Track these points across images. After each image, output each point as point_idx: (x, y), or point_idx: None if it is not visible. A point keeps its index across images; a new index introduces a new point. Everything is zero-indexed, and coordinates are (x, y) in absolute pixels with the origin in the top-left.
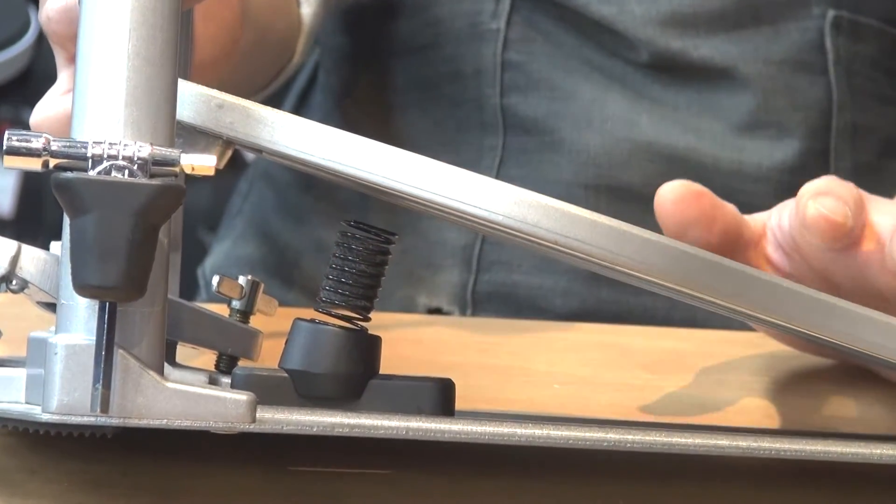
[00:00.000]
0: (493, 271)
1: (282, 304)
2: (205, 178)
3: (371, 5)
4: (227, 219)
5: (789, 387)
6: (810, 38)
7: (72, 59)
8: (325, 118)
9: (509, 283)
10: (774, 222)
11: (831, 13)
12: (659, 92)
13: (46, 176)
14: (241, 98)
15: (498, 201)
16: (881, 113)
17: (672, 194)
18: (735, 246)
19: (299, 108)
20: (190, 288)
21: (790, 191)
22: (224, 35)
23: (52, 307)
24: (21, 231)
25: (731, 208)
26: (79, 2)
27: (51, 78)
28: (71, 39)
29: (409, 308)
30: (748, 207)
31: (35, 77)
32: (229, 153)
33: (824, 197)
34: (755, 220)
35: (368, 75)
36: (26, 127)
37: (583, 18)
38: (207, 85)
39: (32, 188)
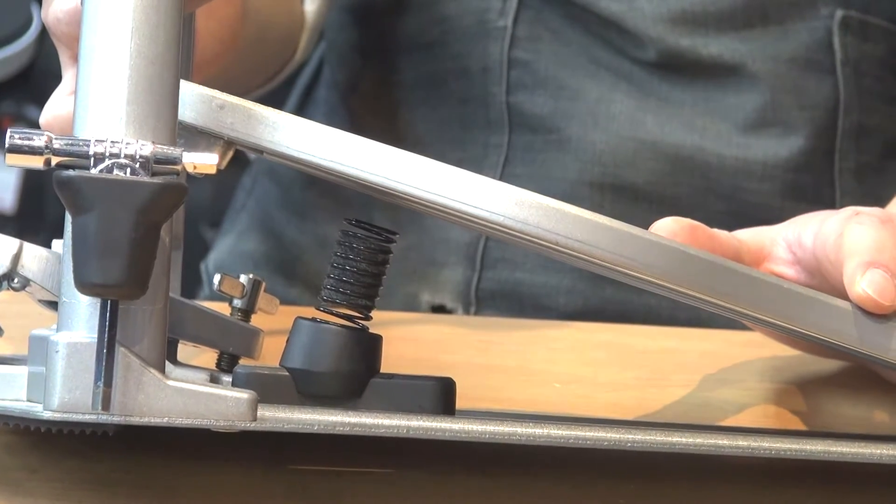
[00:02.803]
0: (497, 269)
1: (284, 299)
2: (206, 176)
3: (378, 1)
4: (231, 214)
5: (790, 387)
6: (819, 37)
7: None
8: (329, 113)
9: (513, 281)
10: (793, 238)
11: (839, 13)
12: (665, 90)
13: (48, 172)
14: (242, 98)
15: (499, 202)
16: (888, 114)
17: (665, 231)
18: None
19: (303, 104)
20: (191, 284)
21: (794, 189)
22: (225, 31)
23: (53, 305)
24: (22, 227)
25: (726, 237)
26: (81, 1)
27: (53, 74)
28: (78, 40)
29: (412, 305)
30: (752, 206)
31: (37, 73)
32: (230, 154)
33: (873, 271)
34: (760, 237)
35: (375, 71)
36: (29, 123)
37: (591, 16)
38: (208, 81)
39: (34, 184)
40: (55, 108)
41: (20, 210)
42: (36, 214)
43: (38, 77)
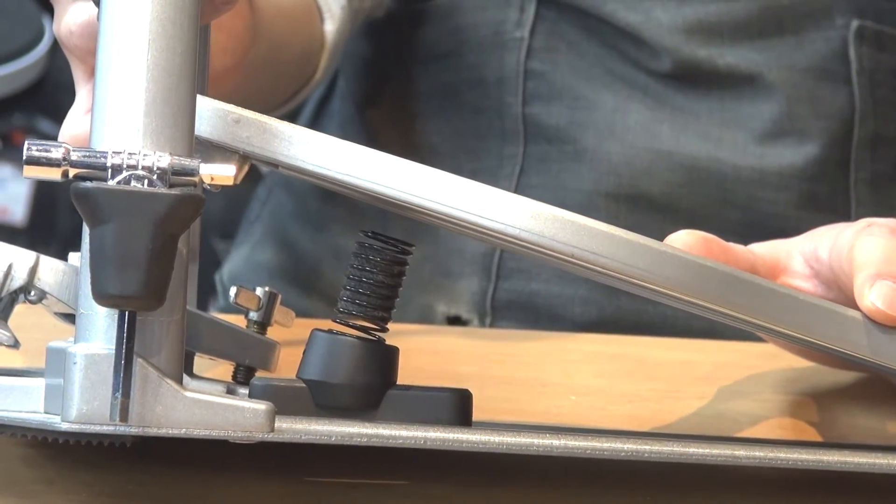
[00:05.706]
0: (513, 279)
1: (300, 311)
2: (221, 189)
3: (394, 13)
4: (245, 225)
5: (806, 398)
6: (834, 47)
7: (92, 74)
8: (343, 125)
9: (528, 292)
10: (809, 251)
11: (855, 23)
12: (681, 101)
13: (59, 184)
14: (257, 113)
15: (515, 215)
16: None
17: (679, 243)
18: None
19: (317, 116)
20: (203, 296)
21: (810, 199)
22: (235, 44)
23: (69, 318)
24: (34, 239)
25: (741, 251)
26: (97, 13)
27: (65, 87)
28: (92, 53)
29: (428, 316)
30: (768, 216)
31: (49, 86)
32: (246, 168)
33: (881, 283)
34: (776, 250)
35: (391, 82)
36: (41, 136)
37: (607, 27)
38: (222, 97)
39: (45, 197)
40: (72, 127)
41: (32, 223)
42: (47, 227)
43: (49, 90)
